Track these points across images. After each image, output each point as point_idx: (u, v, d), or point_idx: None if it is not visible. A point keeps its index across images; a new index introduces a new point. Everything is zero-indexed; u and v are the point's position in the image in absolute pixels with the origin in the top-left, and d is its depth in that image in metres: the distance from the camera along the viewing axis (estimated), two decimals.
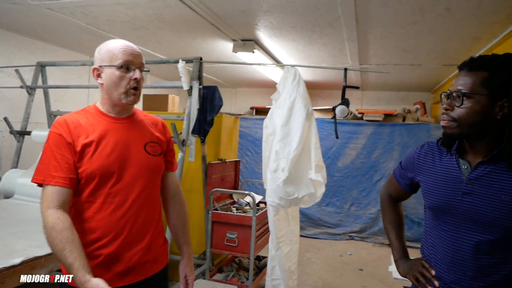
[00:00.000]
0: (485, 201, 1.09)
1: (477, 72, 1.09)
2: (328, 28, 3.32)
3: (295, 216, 3.07)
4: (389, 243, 1.47)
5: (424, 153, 1.31)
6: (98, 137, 1.29)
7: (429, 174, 1.26)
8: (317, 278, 4.00)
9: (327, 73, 5.42)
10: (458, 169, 1.17)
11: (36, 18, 3.45)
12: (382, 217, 1.56)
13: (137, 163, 1.35)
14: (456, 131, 1.12)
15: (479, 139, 1.12)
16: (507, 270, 1.09)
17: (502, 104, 1.06)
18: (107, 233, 1.29)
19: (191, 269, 1.58)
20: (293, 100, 2.72)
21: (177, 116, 3.17)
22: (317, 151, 2.75)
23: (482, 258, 1.11)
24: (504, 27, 3.09)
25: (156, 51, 4.58)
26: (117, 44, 1.34)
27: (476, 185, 1.12)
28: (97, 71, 1.35)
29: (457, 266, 1.16)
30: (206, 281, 3.01)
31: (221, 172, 3.62)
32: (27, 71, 3.96)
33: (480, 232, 1.11)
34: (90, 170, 1.26)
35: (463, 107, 1.09)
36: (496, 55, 1.10)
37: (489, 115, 1.07)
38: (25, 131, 3.65)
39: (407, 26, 3.15)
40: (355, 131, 5.66)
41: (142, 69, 1.38)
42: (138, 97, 1.38)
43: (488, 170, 1.11)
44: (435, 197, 1.22)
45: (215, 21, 3.28)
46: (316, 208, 5.61)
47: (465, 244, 1.14)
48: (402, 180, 1.42)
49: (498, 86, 1.05)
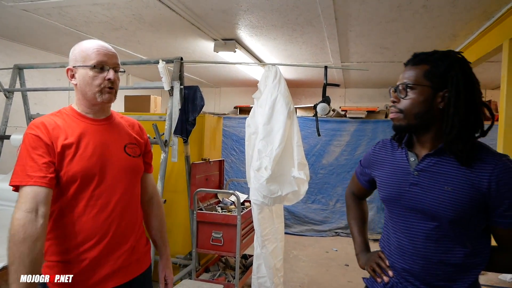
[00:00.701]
0: (430, 192, 1.15)
1: (420, 66, 1.16)
2: (308, 26, 3.34)
3: (279, 214, 3.09)
4: (352, 238, 1.52)
5: (379, 149, 1.38)
6: (77, 139, 1.27)
7: (382, 168, 1.32)
8: (303, 275, 4.03)
9: (310, 71, 5.46)
10: (407, 161, 1.24)
11: (12, 19, 3.38)
12: (346, 214, 1.61)
13: (118, 164, 1.34)
14: (403, 122, 1.18)
15: (425, 131, 1.18)
16: (456, 259, 1.13)
17: (443, 94, 1.12)
18: (92, 236, 1.27)
19: (170, 270, 1.61)
20: (275, 98, 2.74)
21: (159, 117, 3.15)
22: (300, 148, 2.77)
23: (430, 246, 1.16)
24: (480, 23, 3.16)
25: (137, 52, 4.54)
26: (91, 44, 1.32)
27: (423, 176, 1.17)
28: (71, 71, 1.34)
29: (407, 254, 1.20)
30: (192, 281, 3.00)
31: (205, 172, 3.61)
32: (4, 74, 3.88)
33: (427, 221, 1.16)
34: (71, 173, 1.23)
35: (407, 98, 1.16)
36: (437, 51, 1.17)
37: (432, 105, 1.14)
38: (4, 135, 3.58)
39: (386, 23, 3.20)
40: (338, 128, 5.72)
41: (117, 70, 1.36)
42: (114, 95, 1.37)
43: (434, 162, 1.16)
44: (386, 189, 1.28)
45: (195, 21, 3.27)
46: (301, 206, 5.65)
47: (415, 233, 1.19)
48: (362, 177, 1.49)
49: (438, 77, 1.12)
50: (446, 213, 1.11)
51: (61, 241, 1.27)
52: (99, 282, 1.29)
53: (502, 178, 1.06)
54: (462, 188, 1.09)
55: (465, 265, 1.13)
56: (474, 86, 1.12)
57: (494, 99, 5.88)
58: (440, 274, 1.15)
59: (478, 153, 1.11)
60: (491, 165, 1.08)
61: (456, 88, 1.10)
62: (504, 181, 1.06)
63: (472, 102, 1.10)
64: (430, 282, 1.17)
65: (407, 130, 1.21)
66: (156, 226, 1.61)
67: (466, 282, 1.13)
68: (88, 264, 1.27)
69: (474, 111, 1.10)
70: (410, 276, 1.20)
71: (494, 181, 1.06)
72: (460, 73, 1.10)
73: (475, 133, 1.12)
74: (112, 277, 1.32)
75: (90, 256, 1.27)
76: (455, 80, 1.10)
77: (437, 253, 1.14)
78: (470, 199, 1.08)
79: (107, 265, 1.30)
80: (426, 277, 1.17)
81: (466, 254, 1.12)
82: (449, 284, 1.14)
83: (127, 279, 1.37)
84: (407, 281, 1.21)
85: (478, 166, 1.09)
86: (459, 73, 1.10)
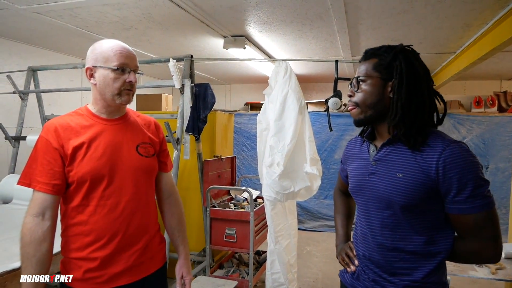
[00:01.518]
0: (384, 179, 1.18)
1: (370, 60, 1.22)
2: (318, 20, 3.32)
3: (292, 210, 3.09)
4: (335, 231, 1.57)
5: (350, 145, 1.45)
6: (89, 140, 1.29)
7: (352, 163, 1.38)
8: (317, 271, 4.03)
9: (320, 66, 5.42)
10: (367, 153, 1.29)
11: (25, 22, 3.44)
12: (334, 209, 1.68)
13: (128, 164, 1.35)
14: (361, 115, 1.23)
15: (381, 121, 1.22)
16: (412, 246, 1.15)
17: (392, 84, 1.16)
18: (102, 236, 1.29)
19: (188, 270, 1.58)
20: (285, 94, 2.73)
21: (171, 115, 3.17)
22: (312, 144, 2.76)
23: (386, 234, 1.19)
24: (495, 12, 3.09)
25: (147, 51, 4.57)
26: (112, 45, 1.32)
27: (379, 165, 1.21)
28: (90, 71, 1.33)
29: (368, 243, 1.25)
30: (207, 278, 3.03)
31: (217, 169, 3.63)
32: (19, 76, 3.95)
33: (383, 209, 1.20)
34: (80, 173, 1.25)
35: (360, 91, 1.22)
36: (385, 45, 1.23)
37: (383, 95, 1.19)
38: (20, 136, 3.65)
39: (397, 15, 3.15)
40: (350, 122, 5.63)
41: (137, 71, 1.38)
42: (132, 97, 1.38)
43: (389, 151, 1.20)
44: (352, 181, 1.34)
45: (204, 18, 3.27)
46: (314, 201, 5.63)
47: (373, 221, 1.23)
48: (342, 173, 1.55)
49: (385, 67, 1.18)
50: (398, 199, 1.13)
51: (75, 239, 1.30)
52: (110, 280, 1.30)
53: (449, 162, 1.06)
54: (412, 174, 1.11)
55: (423, 253, 1.14)
56: (418, 74, 1.15)
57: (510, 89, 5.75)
58: (397, 261, 1.17)
59: (429, 139, 1.12)
60: (439, 150, 1.08)
61: (400, 76, 1.14)
62: (451, 166, 1.06)
63: (415, 88, 1.14)
64: (389, 270, 1.19)
65: (366, 122, 1.25)
66: (175, 225, 1.60)
67: (426, 269, 1.14)
68: (100, 262, 1.29)
69: (417, 97, 1.14)
70: (371, 264, 1.24)
71: (441, 165, 1.06)
72: (403, 62, 1.15)
73: (419, 118, 1.14)
74: (124, 275, 1.33)
75: (101, 254, 1.29)
76: (399, 69, 1.15)
77: (393, 240, 1.17)
78: (420, 184, 1.10)
79: (119, 263, 1.32)
80: (385, 265, 1.20)
81: (423, 242, 1.14)
82: (408, 272, 1.16)
83: (139, 277, 1.38)
84: (369, 269, 1.25)
85: (427, 151, 1.10)
86: (403, 62, 1.15)
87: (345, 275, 1.37)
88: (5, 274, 1.77)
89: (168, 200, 1.60)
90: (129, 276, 1.35)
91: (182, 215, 1.63)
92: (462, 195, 1.06)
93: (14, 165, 3.63)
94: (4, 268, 1.78)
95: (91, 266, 1.28)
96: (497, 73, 5.70)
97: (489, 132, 5.19)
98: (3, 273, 1.76)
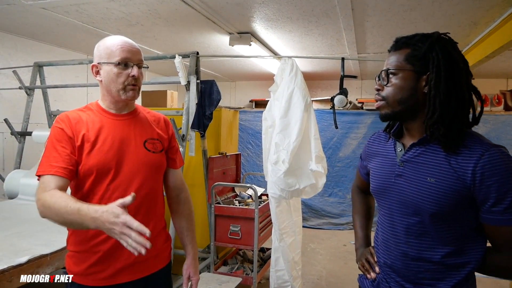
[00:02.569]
0: (413, 183, 1.08)
1: (401, 50, 1.10)
2: (324, 18, 3.30)
3: (297, 207, 3.08)
4: (354, 233, 1.48)
5: (373, 141, 1.33)
6: (97, 133, 1.30)
7: (375, 160, 1.27)
8: (321, 268, 4.03)
9: (326, 63, 5.40)
10: (394, 152, 1.17)
11: (31, 18, 3.45)
12: (352, 208, 1.57)
13: (135, 159, 1.35)
14: (388, 110, 1.12)
15: (412, 119, 1.11)
16: (438, 257, 1.06)
17: (427, 77, 1.05)
18: None
19: (196, 270, 1.55)
20: (291, 91, 2.72)
21: (176, 112, 3.17)
22: (317, 141, 2.75)
23: (411, 242, 1.10)
24: (503, 10, 3.06)
25: (153, 47, 4.57)
26: (115, 40, 1.33)
27: (408, 167, 1.10)
28: (95, 68, 1.34)
29: (390, 250, 1.16)
30: (211, 274, 3.03)
31: (222, 166, 3.63)
32: (25, 72, 3.97)
33: (409, 215, 1.10)
34: (88, 166, 1.26)
35: (390, 85, 1.10)
36: (418, 33, 1.10)
37: (416, 90, 1.07)
38: (26, 132, 3.67)
39: (404, 13, 3.13)
40: (355, 120, 5.65)
41: (141, 66, 1.37)
42: (138, 92, 1.38)
43: (419, 152, 1.09)
44: (374, 181, 1.23)
45: (210, 15, 3.27)
46: (318, 199, 5.63)
47: (397, 227, 1.13)
48: (362, 170, 1.44)
49: (419, 59, 1.06)
50: (428, 207, 1.03)
51: (79, 231, 1.30)
52: (113, 276, 1.30)
53: (488, 169, 0.95)
54: (445, 179, 1.01)
55: (449, 264, 1.06)
56: (458, 66, 1.04)
57: None
58: (422, 272, 1.09)
59: (466, 141, 1.01)
60: (477, 154, 0.97)
61: (437, 69, 1.02)
62: (490, 173, 0.95)
63: (454, 83, 1.02)
64: (412, 280, 1.11)
65: (393, 118, 1.14)
66: (183, 224, 1.57)
67: (453, 281, 1.05)
68: (102, 256, 1.29)
69: (457, 93, 1.02)
70: (393, 272, 1.16)
71: (479, 172, 0.96)
72: (441, 53, 1.03)
73: (459, 117, 1.03)
74: (126, 271, 1.33)
75: (103, 248, 1.29)
76: (436, 60, 1.03)
77: (418, 250, 1.08)
78: (454, 191, 1.00)
79: (121, 258, 1.31)
80: (408, 274, 1.11)
81: (450, 252, 1.05)
82: (433, 282, 1.08)
83: (142, 274, 1.37)
84: (390, 278, 1.17)
85: (464, 155, 1.00)
86: (440, 53, 1.03)
87: (365, 281, 1.28)
88: (11, 269, 1.78)
89: (178, 198, 1.57)
90: (132, 274, 1.34)
91: (192, 214, 1.60)
92: (500, 205, 0.96)
93: (20, 160, 3.65)
94: (10, 263, 1.80)
95: (94, 259, 1.28)
96: (503, 71, 5.65)
97: (495, 130, 5.15)
98: (9, 268, 1.77)
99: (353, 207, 1.54)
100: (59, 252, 2.06)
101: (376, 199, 1.26)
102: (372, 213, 1.52)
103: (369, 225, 1.47)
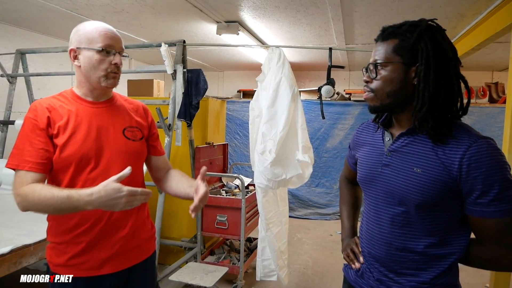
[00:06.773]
0: (399, 173, 1.08)
1: (389, 40, 1.07)
2: (313, 7, 3.28)
3: (283, 197, 3.10)
4: (341, 223, 1.47)
5: (361, 130, 1.32)
6: (74, 122, 1.26)
7: (362, 149, 1.26)
8: (308, 257, 4.07)
9: (314, 54, 5.39)
10: (382, 141, 1.17)
11: (13, 3, 3.35)
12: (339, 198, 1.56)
13: (114, 148, 1.32)
14: (376, 102, 1.10)
15: (401, 110, 1.10)
16: (421, 247, 1.06)
17: (416, 69, 1.03)
18: (86, 220, 1.26)
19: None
20: (279, 81, 2.71)
21: (163, 101, 3.14)
22: (304, 132, 2.76)
23: (395, 233, 1.10)
24: (489, 2, 3.08)
25: (139, 35, 4.49)
26: (96, 25, 1.29)
27: (395, 157, 1.10)
28: (74, 52, 1.30)
29: (374, 240, 1.16)
30: (198, 264, 3.04)
31: (209, 156, 3.62)
32: (7, 59, 3.86)
33: (394, 205, 1.09)
34: (65, 155, 1.23)
35: (378, 77, 1.08)
36: (407, 21, 1.07)
37: (405, 82, 1.05)
38: (9, 121, 3.59)
39: (392, 3, 3.13)
40: (342, 111, 5.68)
41: (122, 54, 1.34)
42: (118, 80, 1.35)
43: (407, 142, 1.08)
44: (361, 170, 1.23)
45: (197, 3, 3.22)
46: (305, 189, 5.67)
47: (382, 217, 1.13)
48: (350, 160, 1.43)
49: (408, 50, 1.03)
50: (413, 197, 1.03)
51: (59, 222, 1.28)
52: (96, 267, 1.29)
53: (474, 160, 0.95)
54: (432, 170, 1.00)
55: (433, 255, 1.06)
56: (447, 56, 1.01)
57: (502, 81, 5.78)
58: (405, 262, 1.09)
59: (455, 132, 1.01)
60: (465, 146, 0.97)
61: (426, 60, 1.00)
62: (477, 165, 0.95)
63: (444, 74, 1.00)
64: (395, 269, 1.11)
65: (382, 110, 1.13)
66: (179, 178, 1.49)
67: (436, 271, 1.06)
68: (84, 247, 1.27)
69: (446, 84, 1.01)
70: (376, 262, 1.16)
71: (465, 163, 0.96)
72: (430, 44, 1.00)
73: (448, 109, 1.02)
74: (109, 262, 1.31)
75: (85, 239, 1.27)
76: (425, 52, 1.00)
77: (403, 240, 1.08)
78: (440, 182, 0.99)
79: (104, 249, 1.30)
80: (392, 264, 1.11)
81: (433, 243, 1.05)
82: (416, 272, 1.08)
83: (125, 266, 1.36)
84: (374, 267, 1.17)
85: (451, 146, 0.99)
86: (429, 43, 1.00)
87: (350, 271, 1.29)
88: None
89: (167, 175, 1.54)
90: (115, 265, 1.33)
91: (182, 172, 1.54)
92: (486, 197, 0.96)
93: (2, 150, 3.58)
94: None
95: (76, 251, 1.26)
96: (489, 64, 5.72)
97: (479, 122, 5.23)
98: None
99: (341, 197, 1.54)
100: (42, 242, 2.03)
101: (362, 189, 1.25)
102: (360, 203, 1.51)
103: (356, 216, 1.48)
